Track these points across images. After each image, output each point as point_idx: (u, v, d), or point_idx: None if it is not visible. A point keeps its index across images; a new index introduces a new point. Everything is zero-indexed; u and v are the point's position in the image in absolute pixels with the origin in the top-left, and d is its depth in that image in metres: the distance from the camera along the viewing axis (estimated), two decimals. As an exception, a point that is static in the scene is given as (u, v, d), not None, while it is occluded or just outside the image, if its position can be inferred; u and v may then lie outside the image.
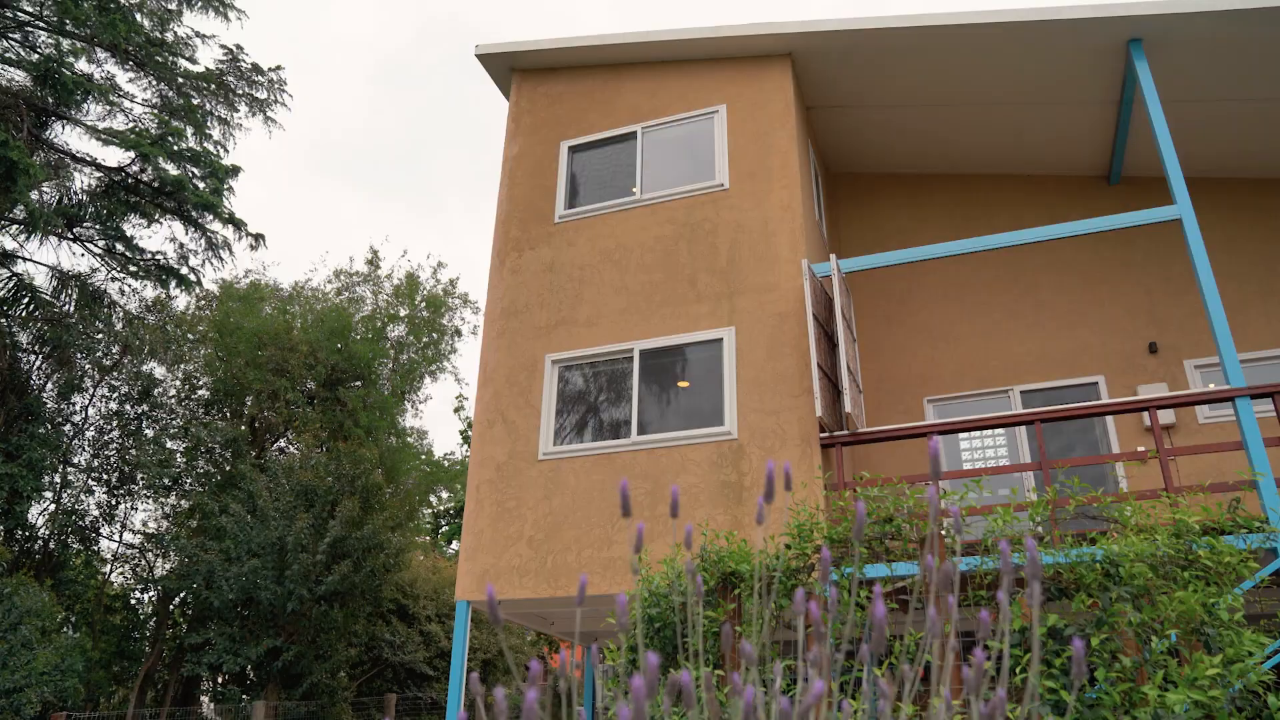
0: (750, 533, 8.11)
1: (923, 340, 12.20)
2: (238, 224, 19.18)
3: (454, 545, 31.10)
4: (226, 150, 19.63)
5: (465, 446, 30.52)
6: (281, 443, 22.19)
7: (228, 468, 19.22)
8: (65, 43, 16.62)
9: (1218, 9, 9.13)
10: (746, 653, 1.89)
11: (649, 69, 11.71)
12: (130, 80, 18.16)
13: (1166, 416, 10.61)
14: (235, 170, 19.22)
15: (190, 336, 20.79)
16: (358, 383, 22.09)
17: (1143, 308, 11.46)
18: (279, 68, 20.18)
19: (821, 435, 8.65)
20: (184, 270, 18.98)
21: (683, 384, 9.75)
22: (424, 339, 24.57)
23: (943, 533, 5.32)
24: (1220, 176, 11.76)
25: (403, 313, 24.51)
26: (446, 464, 29.19)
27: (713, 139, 10.83)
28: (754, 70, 11.02)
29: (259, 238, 19.70)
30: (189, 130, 18.48)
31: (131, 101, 18.09)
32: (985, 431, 11.39)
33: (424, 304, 24.72)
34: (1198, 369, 11.00)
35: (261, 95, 20.09)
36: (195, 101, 18.93)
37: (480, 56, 12.38)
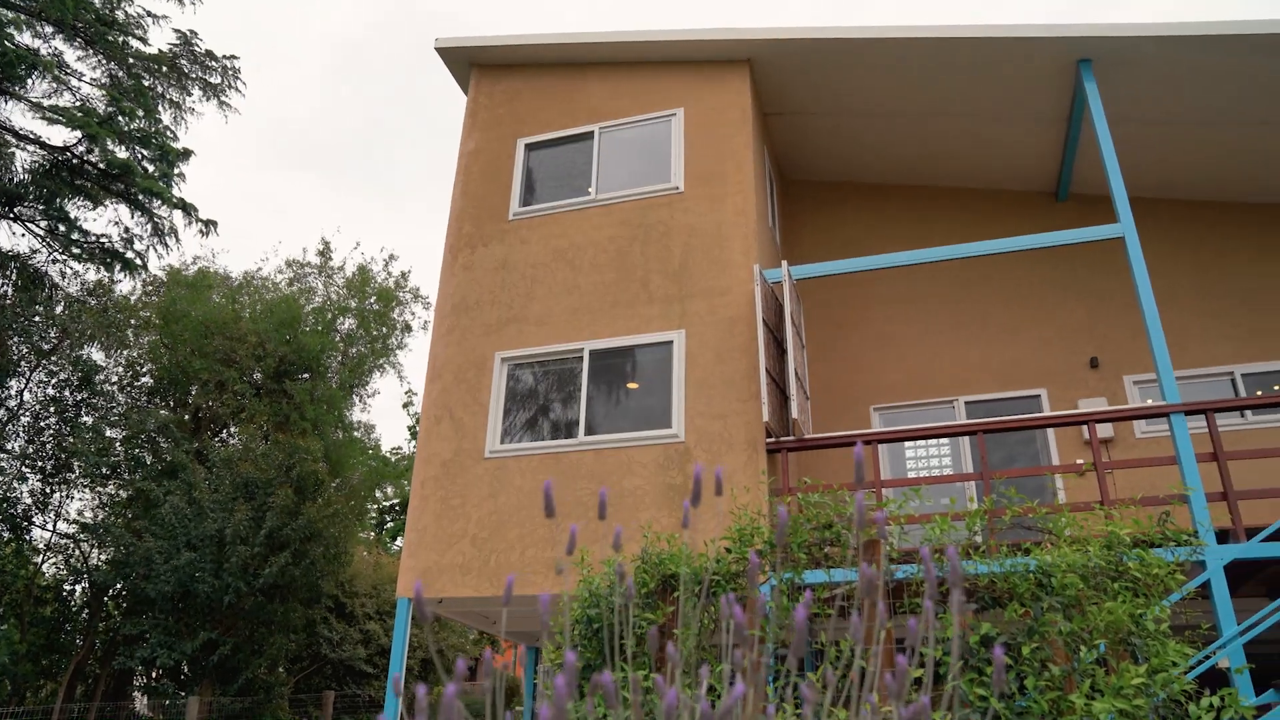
0: (694, 535, 8.13)
1: (872, 349, 12.33)
2: (187, 209, 18.77)
3: (399, 542, 30.79)
4: (177, 135, 19.26)
5: (413, 442, 30.24)
6: (225, 434, 21.80)
7: (168, 458, 18.82)
8: (8, 14, 16.16)
9: (1164, 35, 9.36)
10: (671, 655, 1.90)
11: (609, 70, 11.70)
12: (78, 58, 17.69)
13: (1105, 430, 10.84)
14: (186, 154, 18.81)
15: (133, 322, 20.31)
16: (306, 375, 21.77)
17: (1085, 323, 11.70)
18: (234, 56, 19.84)
19: (768, 440, 8.70)
20: (129, 254, 18.55)
21: (632, 385, 9.74)
22: (374, 332, 24.30)
23: (881, 540, 5.37)
24: (1164, 197, 12.05)
25: (353, 305, 24.21)
26: (393, 459, 28.91)
27: (669, 142, 10.85)
28: (713, 75, 11.06)
29: (209, 224, 19.31)
30: (139, 112, 18.07)
31: (79, 80, 17.65)
32: (931, 441, 11.54)
33: (375, 297, 24.44)
34: (1136, 385, 11.25)
35: (215, 80, 19.73)
36: (146, 83, 18.51)
37: (439, 50, 12.28)
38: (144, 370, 20.66)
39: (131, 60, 18.10)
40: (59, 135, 22.81)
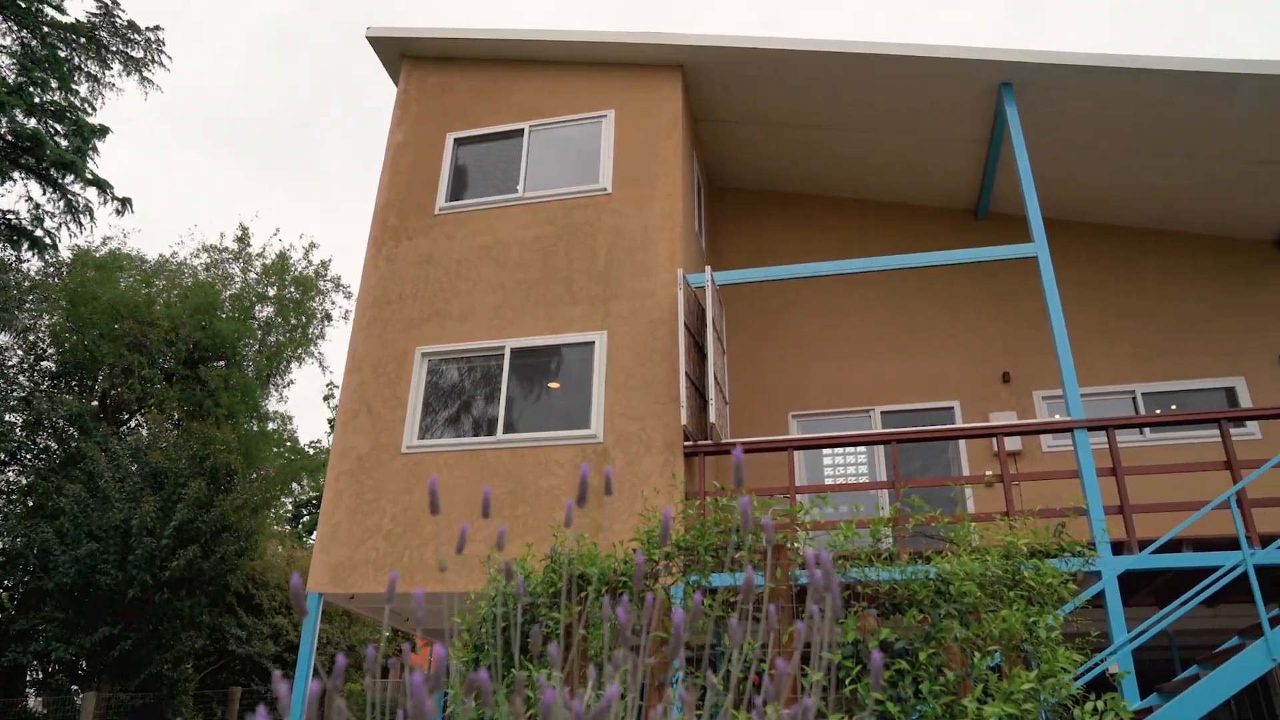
0: (608, 536, 8.14)
1: (794, 356, 12.49)
2: (102, 186, 18.16)
3: (315, 536, 30.21)
4: (94, 108, 18.61)
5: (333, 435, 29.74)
6: (134, 422, 21.10)
7: (73, 444, 18.14)
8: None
9: (1082, 64, 9.67)
10: (551, 655, 1.90)
11: (542, 68, 11.65)
12: (-13, 25, 17.02)
13: (1014, 443, 11.15)
14: (103, 130, 18.20)
15: (28, 301, 19.48)
16: (220, 362, 21.21)
17: (999, 339, 12.03)
18: (158, 27, 19.27)
19: (685, 444, 8.76)
20: (38, 233, 17.87)
21: (553, 385, 9.72)
22: (292, 321, 23.76)
23: (772, 545, 5.46)
24: (1077, 220, 12.45)
25: (271, 293, 23.65)
26: (312, 452, 28.35)
27: (599, 143, 10.85)
28: (645, 79, 11.09)
29: (126, 202, 18.72)
30: (53, 83, 17.40)
31: (-12, 47, 16.96)
32: (848, 448, 11.75)
33: (293, 285, 23.90)
34: (1045, 400, 11.60)
35: (137, 54, 19.13)
36: (62, 54, 17.86)
37: (371, 39, 12.10)
38: (47, 353, 19.89)
39: (46, 29, 17.43)
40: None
